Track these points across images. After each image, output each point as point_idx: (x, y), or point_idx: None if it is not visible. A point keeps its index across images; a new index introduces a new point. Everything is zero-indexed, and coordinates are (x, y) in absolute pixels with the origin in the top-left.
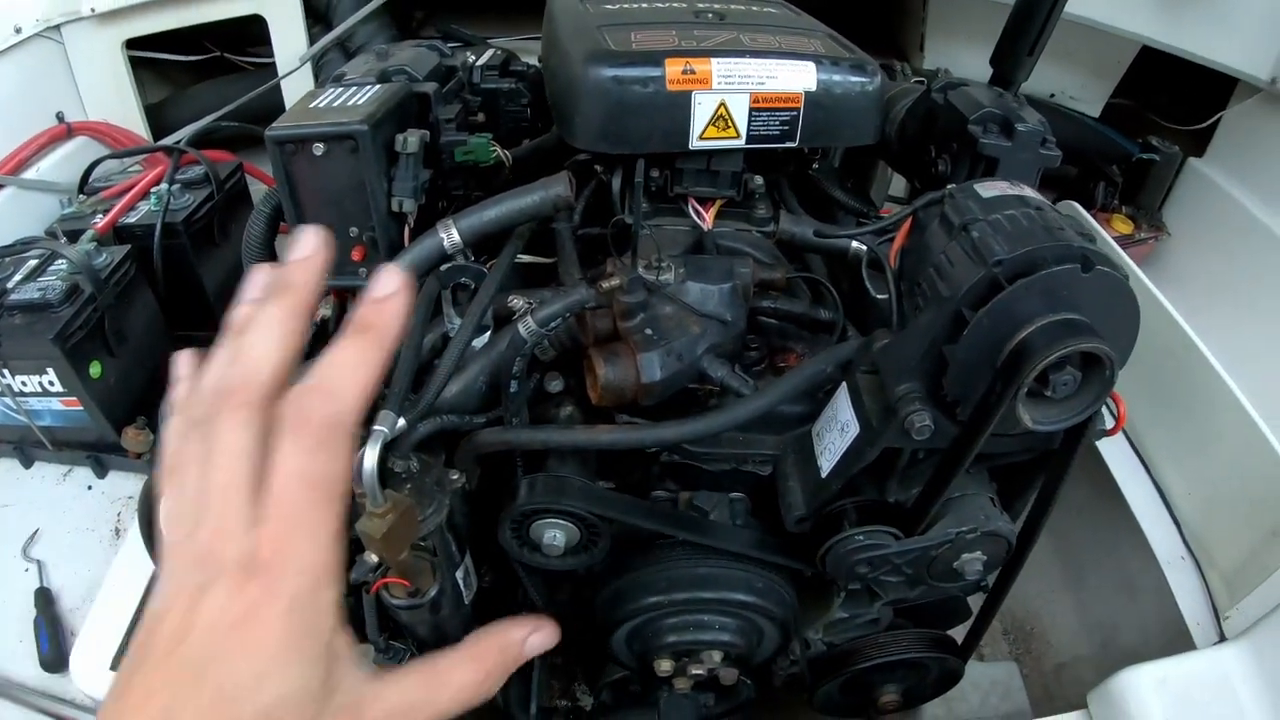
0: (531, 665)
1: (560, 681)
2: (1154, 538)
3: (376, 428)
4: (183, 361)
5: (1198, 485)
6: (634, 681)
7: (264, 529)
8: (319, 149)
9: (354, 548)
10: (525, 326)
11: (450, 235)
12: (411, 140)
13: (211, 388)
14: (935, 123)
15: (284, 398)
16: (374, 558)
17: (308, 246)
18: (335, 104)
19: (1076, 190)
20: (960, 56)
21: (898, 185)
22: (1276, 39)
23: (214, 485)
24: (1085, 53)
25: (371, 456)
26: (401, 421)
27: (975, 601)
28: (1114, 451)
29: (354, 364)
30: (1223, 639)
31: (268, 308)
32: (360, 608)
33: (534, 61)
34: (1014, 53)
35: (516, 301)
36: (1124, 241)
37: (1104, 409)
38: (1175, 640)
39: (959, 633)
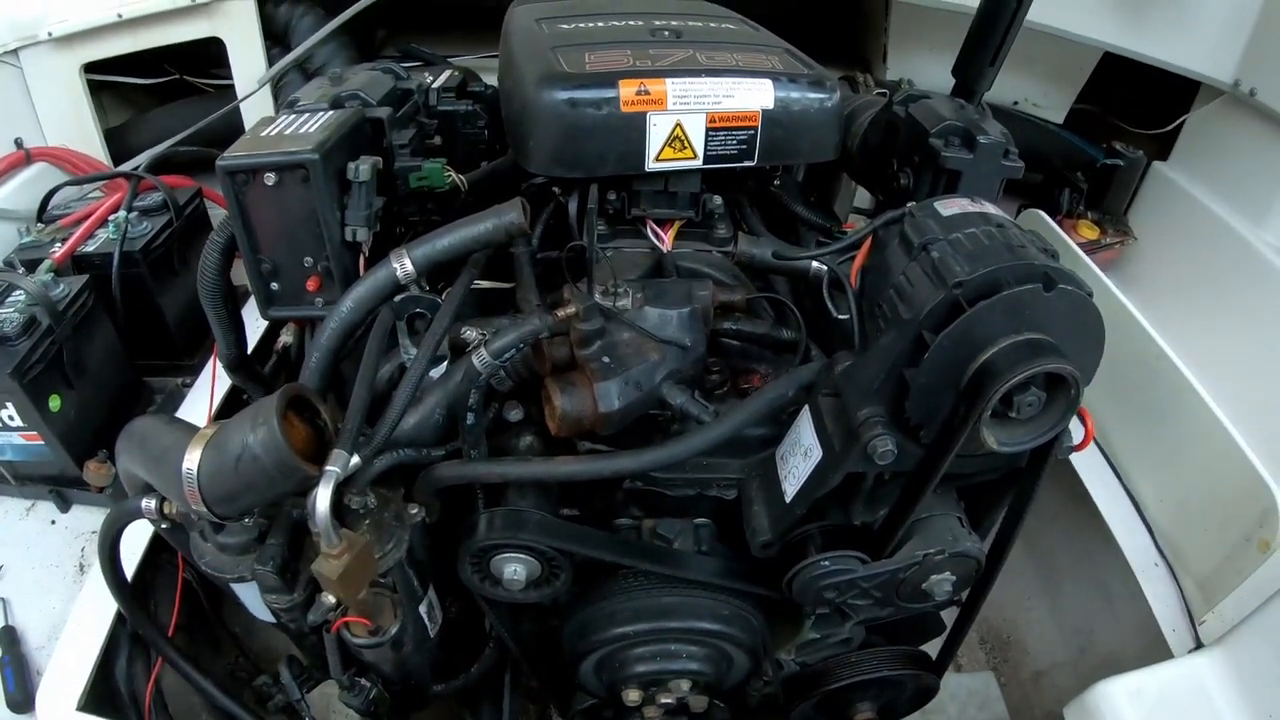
0: (503, 690)
1: (535, 707)
2: (1127, 545)
3: (328, 468)
4: None
5: (1170, 492)
6: (607, 708)
7: None
8: (270, 179)
9: (314, 586)
10: (479, 358)
11: (403, 265)
12: (363, 168)
13: None
14: (897, 136)
15: None
16: (332, 598)
17: None
18: (287, 132)
19: (1042, 197)
20: (923, 67)
21: (863, 197)
22: (1238, 42)
23: None
24: (1048, 60)
25: (324, 497)
26: (355, 459)
27: (950, 614)
28: (1085, 459)
29: None
30: (1198, 645)
31: None
32: (324, 646)
33: (494, 82)
34: (976, 63)
35: (470, 332)
36: (1090, 247)
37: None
38: (1151, 646)
39: (935, 647)
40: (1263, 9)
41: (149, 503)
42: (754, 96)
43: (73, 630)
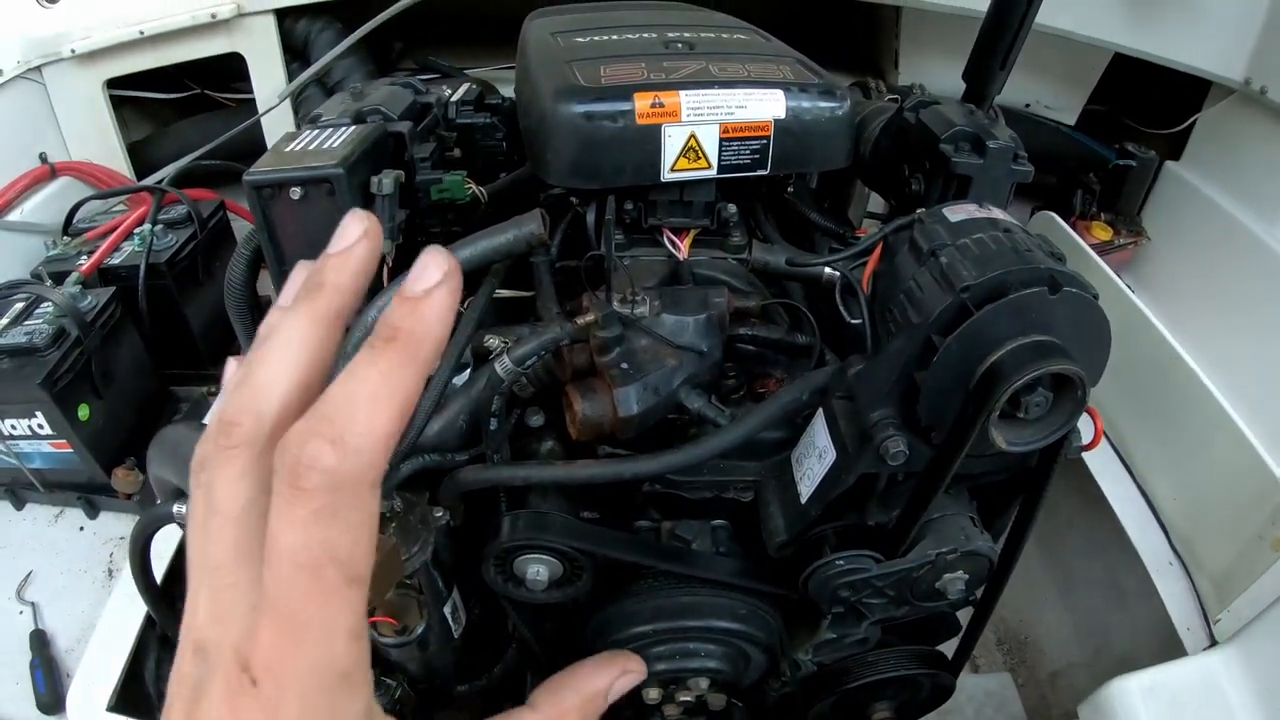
0: (525, 692)
1: None
2: (1141, 544)
3: None
4: (229, 370)
5: (1183, 490)
6: (626, 708)
7: (263, 622)
8: (296, 193)
9: None
10: (502, 365)
11: None
12: (386, 182)
13: (215, 419)
14: (908, 142)
15: (282, 441)
16: None
17: (347, 236)
18: (311, 147)
19: (1055, 199)
20: (935, 71)
21: (878, 201)
22: (1248, 39)
23: (209, 556)
24: (1058, 62)
25: None
26: None
27: (966, 615)
28: (1099, 459)
29: (373, 393)
30: (1213, 642)
31: (288, 316)
32: None
33: (511, 93)
34: (986, 67)
35: (493, 340)
36: (1103, 248)
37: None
38: (1166, 645)
39: (950, 647)
40: (1271, 7)
41: (180, 508)
42: (766, 107)
43: (103, 633)
